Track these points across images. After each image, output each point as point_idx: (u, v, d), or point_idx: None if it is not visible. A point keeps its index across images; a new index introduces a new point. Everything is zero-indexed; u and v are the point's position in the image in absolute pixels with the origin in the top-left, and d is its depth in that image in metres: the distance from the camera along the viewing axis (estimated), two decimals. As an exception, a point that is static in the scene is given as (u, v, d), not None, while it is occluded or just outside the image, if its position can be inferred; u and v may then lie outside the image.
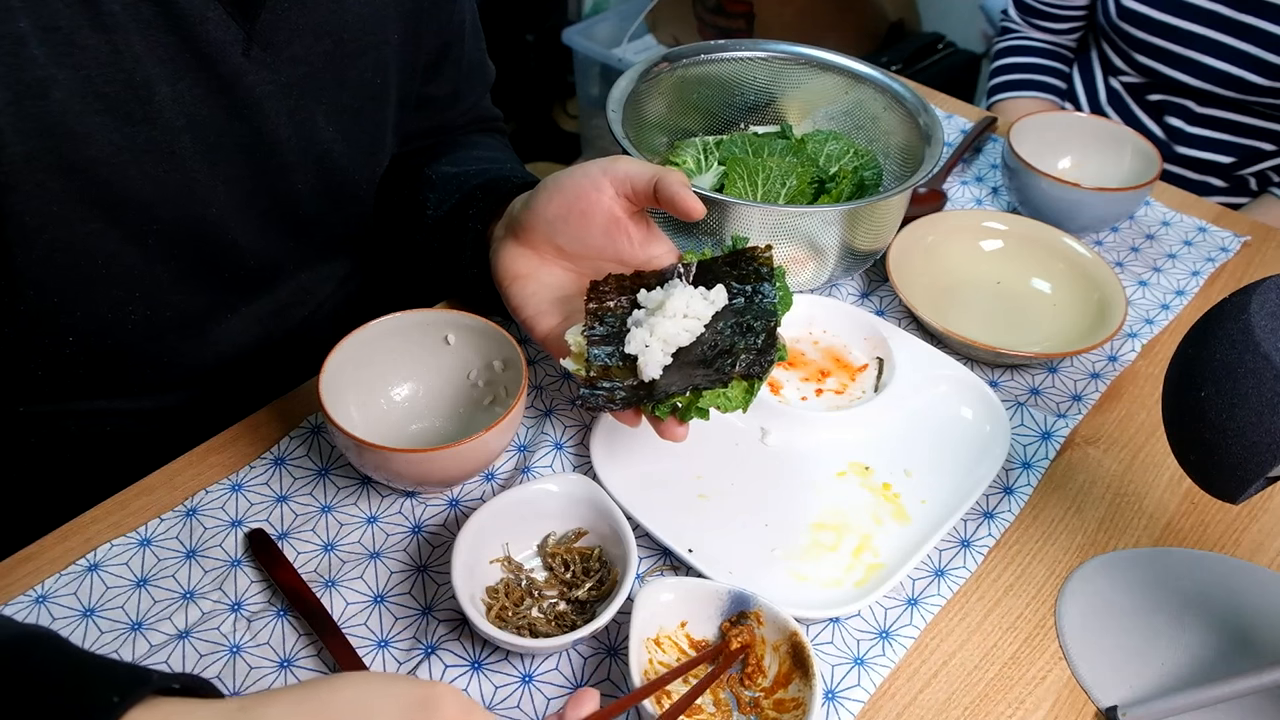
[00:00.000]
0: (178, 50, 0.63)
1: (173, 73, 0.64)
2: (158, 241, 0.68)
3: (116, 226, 0.65)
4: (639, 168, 0.69)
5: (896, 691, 0.65)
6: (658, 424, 0.64)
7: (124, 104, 0.62)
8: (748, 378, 0.61)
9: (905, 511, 0.74)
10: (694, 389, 0.61)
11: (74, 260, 0.65)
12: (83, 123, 0.60)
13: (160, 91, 0.63)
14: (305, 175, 0.76)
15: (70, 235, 0.64)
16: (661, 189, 0.67)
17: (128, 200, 0.65)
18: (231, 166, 0.70)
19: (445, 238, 0.82)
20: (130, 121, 0.62)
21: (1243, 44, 1.26)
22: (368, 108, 0.79)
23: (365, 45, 0.76)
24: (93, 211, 0.64)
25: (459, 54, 0.90)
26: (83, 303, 0.68)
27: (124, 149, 0.63)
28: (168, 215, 0.68)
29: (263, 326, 0.83)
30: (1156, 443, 0.82)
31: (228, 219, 0.72)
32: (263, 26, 0.67)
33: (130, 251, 0.67)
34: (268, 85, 0.69)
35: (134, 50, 0.61)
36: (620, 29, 2.45)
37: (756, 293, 0.65)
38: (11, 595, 0.65)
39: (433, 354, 0.76)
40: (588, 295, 0.67)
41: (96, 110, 0.61)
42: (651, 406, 0.62)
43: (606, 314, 0.66)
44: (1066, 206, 0.98)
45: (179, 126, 0.65)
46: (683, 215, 0.67)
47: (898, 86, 0.95)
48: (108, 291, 0.68)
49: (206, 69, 0.65)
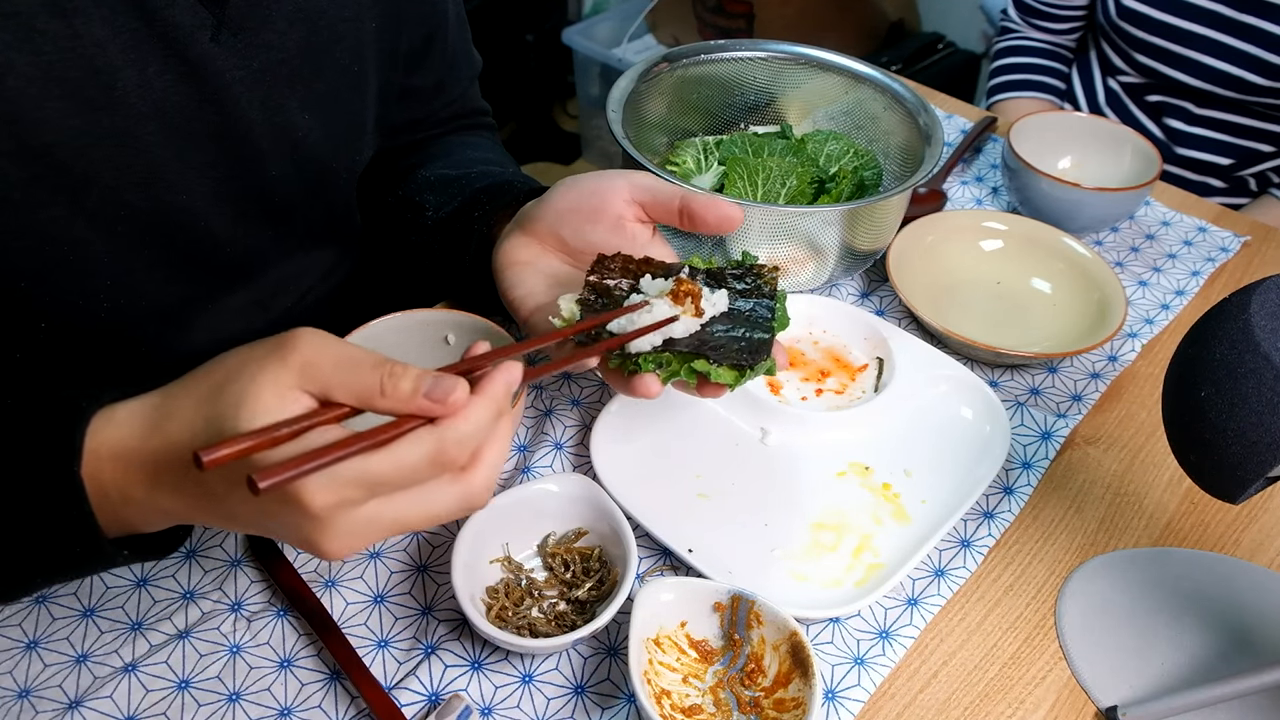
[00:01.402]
0: (143, 36, 0.63)
1: (138, 59, 0.63)
2: (128, 229, 0.68)
3: (81, 213, 0.65)
4: (664, 183, 0.70)
5: (896, 691, 0.65)
6: (632, 380, 0.62)
7: (84, 90, 0.61)
8: (736, 368, 0.61)
9: (905, 511, 0.74)
10: (683, 354, 0.61)
11: (39, 245, 0.65)
12: (40, 108, 0.60)
13: (124, 77, 0.63)
14: (279, 163, 0.75)
15: (34, 220, 0.63)
16: (694, 202, 0.68)
17: (90, 186, 0.64)
18: (201, 153, 0.69)
19: (447, 239, 0.82)
20: (91, 107, 0.62)
21: (1243, 44, 1.26)
22: (345, 96, 0.78)
23: (341, 32, 0.75)
24: (55, 198, 0.63)
25: (443, 44, 0.89)
26: (51, 288, 0.67)
27: (83, 134, 0.62)
28: (136, 202, 0.67)
29: (244, 318, 0.82)
30: (1156, 443, 0.82)
31: (199, 207, 0.71)
32: (233, 12, 0.66)
33: (97, 238, 0.67)
34: (238, 71, 0.68)
35: (95, 35, 0.60)
36: (620, 29, 2.45)
37: (756, 308, 0.65)
38: (11, 595, 0.65)
39: (433, 354, 0.76)
40: (592, 267, 0.67)
41: (55, 96, 0.60)
42: (633, 361, 0.61)
43: (605, 291, 0.65)
44: (1066, 206, 0.98)
45: (144, 113, 0.65)
46: (721, 224, 0.67)
47: (898, 86, 0.95)
48: (77, 278, 0.68)
49: (173, 55, 0.64)
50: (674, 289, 0.63)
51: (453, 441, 0.48)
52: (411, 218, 0.86)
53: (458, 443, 0.48)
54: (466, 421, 0.48)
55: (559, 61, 2.56)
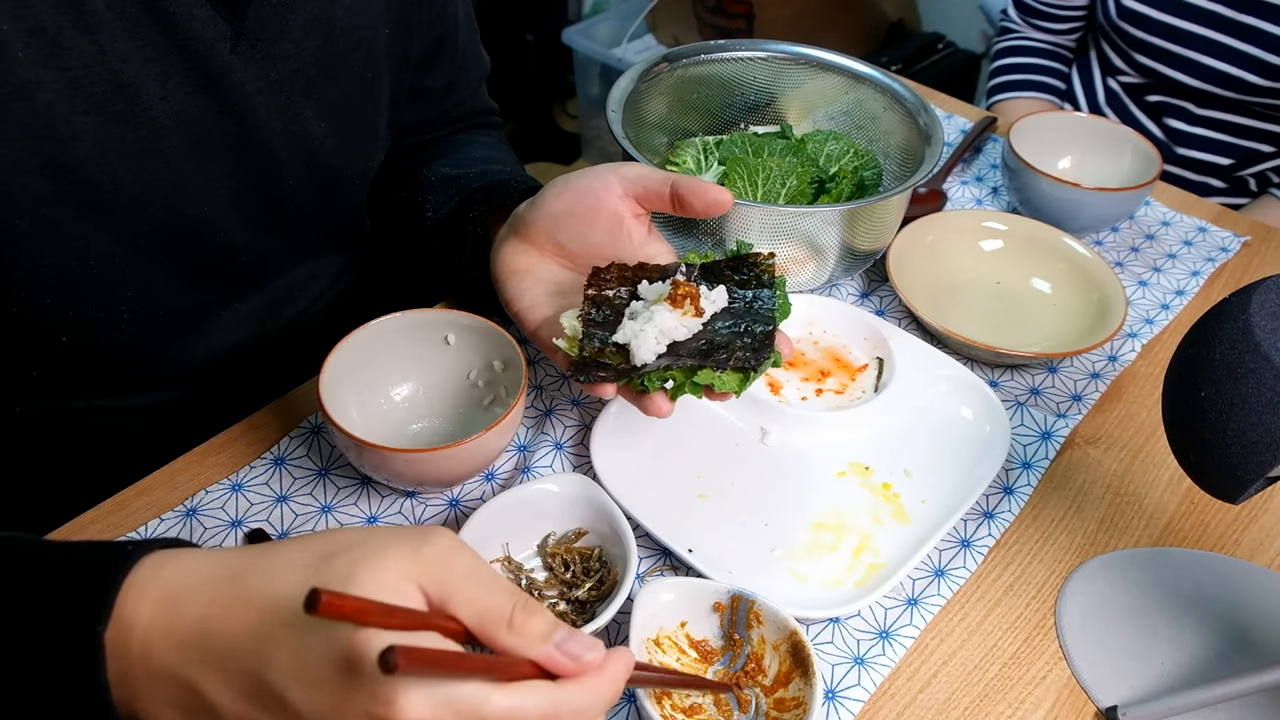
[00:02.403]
0: (164, 49, 0.63)
1: (160, 71, 0.63)
2: (149, 241, 0.68)
3: (107, 228, 0.65)
4: (652, 171, 0.69)
5: (896, 691, 0.65)
6: (643, 398, 0.63)
7: (111, 104, 0.62)
8: (741, 370, 0.61)
9: (905, 511, 0.74)
10: (687, 368, 0.61)
11: (65, 261, 0.65)
12: (70, 124, 0.60)
13: (148, 91, 0.63)
14: (296, 172, 0.75)
15: (61, 237, 0.64)
16: (682, 185, 0.67)
17: (118, 201, 0.65)
18: (221, 164, 0.70)
19: (444, 239, 0.82)
20: (118, 122, 0.62)
21: (1242, 44, 1.26)
22: (359, 103, 0.79)
23: (356, 40, 0.75)
24: (83, 213, 0.64)
25: (454, 46, 0.90)
26: (75, 303, 0.68)
27: (112, 149, 0.63)
28: (159, 215, 0.68)
29: (256, 323, 0.82)
30: (1156, 443, 0.82)
31: (219, 217, 0.72)
32: (250, 22, 0.67)
33: (122, 252, 0.67)
34: (256, 82, 0.69)
35: (120, 50, 0.61)
36: (620, 29, 2.45)
37: (756, 298, 0.65)
38: (11, 595, 0.65)
39: (433, 354, 0.76)
40: (588, 281, 0.67)
41: (83, 111, 0.60)
42: (640, 380, 0.62)
43: (605, 302, 0.66)
44: (1066, 206, 0.98)
45: (168, 126, 0.65)
46: (710, 208, 0.67)
47: (898, 86, 0.95)
48: (100, 291, 0.68)
49: (194, 67, 0.65)
50: (671, 292, 0.63)
51: (569, 710, 0.42)
52: (413, 218, 0.86)
53: (574, 713, 0.42)
54: (586, 693, 0.43)
55: (559, 61, 2.56)
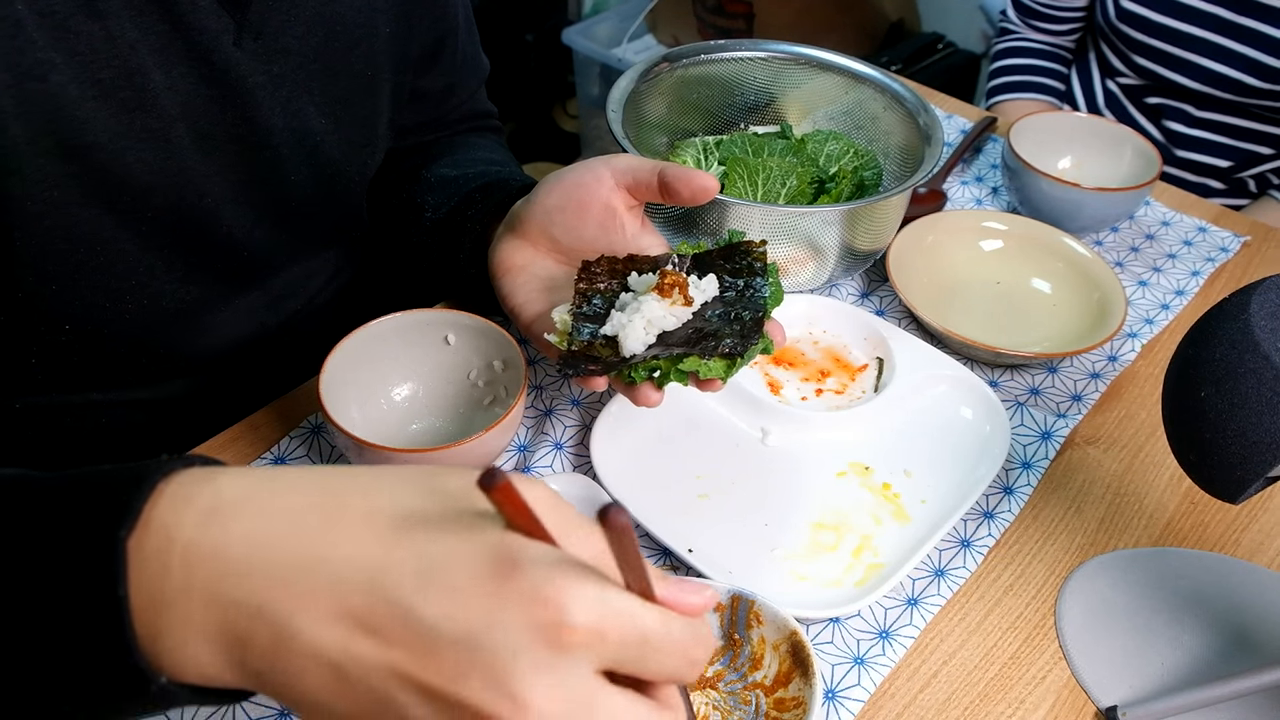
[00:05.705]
0: (170, 37, 0.63)
1: (166, 60, 0.64)
2: (151, 229, 0.68)
3: (113, 213, 0.66)
4: (641, 160, 0.69)
5: (896, 691, 0.65)
6: (633, 389, 0.63)
7: (119, 90, 0.62)
8: (728, 357, 0.61)
9: (905, 511, 0.74)
10: (672, 357, 0.61)
11: (72, 246, 0.65)
12: (81, 108, 0.61)
13: (154, 79, 0.63)
14: (298, 168, 0.76)
15: (69, 221, 0.64)
16: (669, 173, 0.67)
17: (124, 187, 0.65)
18: (225, 157, 0.70)
19: (443, 239, 0.82)
20: (126, 108, 0.63)
21: (1241, 47, 1.26)
22: (359, 100, 0.79)
23: (356, 37, 0.76)
24: (91, 198, 0.64)
25: (454, 48, 0.90)
26: (79, 290, 0.68)
27: (121, 135, 0.63)
28: (162, 203, 0.68)
29: (256, 319, 0.83)
30: (1156, 443, 0.82)
31: (221, 209, 0.72)
32: (253, 17, 0.67)
33: (125, 239, 0.67)
34: (259, 76, 0.69)
35: (128, 37, 0.61)
36: (620, 29, 2.45)
37: (749, 286, 0.65)
38: (11, 595, 0.65)
39: (433, 354, 0.76)
40: (578, 274, 0.67)
41: (93, 96, 0.61)
42: (628, 372, 0.62)
43: (595, 295, 0.66)
44: (1066, 206, 0.98)
45: (173, 114, 0.65)
46: (696, 195, 0.67)
47: (898, 86, 0.95)
48: (104, 279, 0.69)
49: (198, 58, 0.65)
50: (658, 282, 0.63)
51: (704, 646, 0.40)
52: (412, 219, 0.86)
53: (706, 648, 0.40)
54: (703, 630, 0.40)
55: (559, 61, 2.56)
